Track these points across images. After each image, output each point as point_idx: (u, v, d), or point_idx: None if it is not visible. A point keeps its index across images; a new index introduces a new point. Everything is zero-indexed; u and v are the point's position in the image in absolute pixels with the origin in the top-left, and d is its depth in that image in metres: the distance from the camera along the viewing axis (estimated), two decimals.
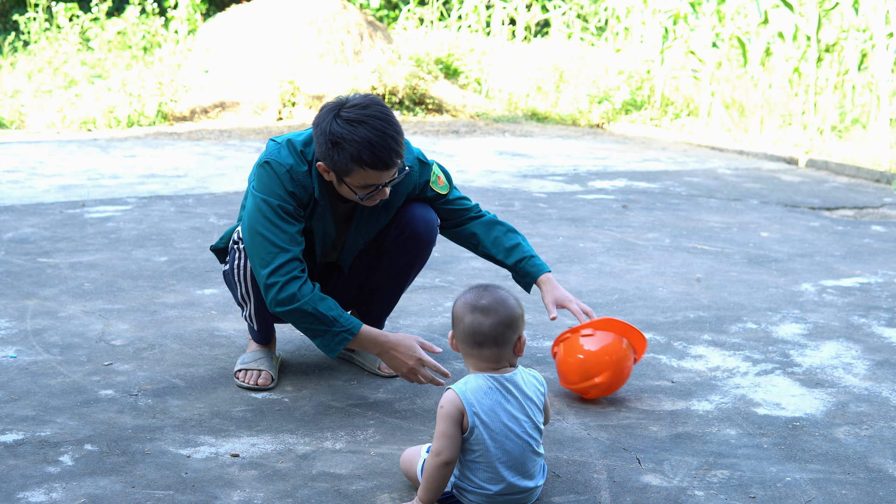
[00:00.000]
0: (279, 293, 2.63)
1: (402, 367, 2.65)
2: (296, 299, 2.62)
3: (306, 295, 2.63)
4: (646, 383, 3.03)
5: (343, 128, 2.55)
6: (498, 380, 2.14)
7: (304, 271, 2.67)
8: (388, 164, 2.58)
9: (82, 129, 9.68)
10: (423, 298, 3.90)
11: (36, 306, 3.70)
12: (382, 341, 2.67)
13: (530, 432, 2.14)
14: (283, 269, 2.63)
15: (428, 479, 2.11)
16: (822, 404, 2.90)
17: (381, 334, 2.68)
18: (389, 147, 2.56)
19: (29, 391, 2.85)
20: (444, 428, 2.10)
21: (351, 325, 2.66)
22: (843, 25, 9.85)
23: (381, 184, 2.64)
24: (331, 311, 2.65)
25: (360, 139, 2.54)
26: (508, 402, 2.13)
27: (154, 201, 5.93)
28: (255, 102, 10.57)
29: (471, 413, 2.10)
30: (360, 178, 2.60)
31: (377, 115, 2.57)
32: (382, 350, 2.67)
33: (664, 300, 3.99)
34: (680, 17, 11.49)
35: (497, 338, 2.14)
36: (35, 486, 2.26)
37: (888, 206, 6.53)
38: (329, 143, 2.57)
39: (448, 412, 2.10)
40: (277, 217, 2.66)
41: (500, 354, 2.16)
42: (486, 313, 2.15)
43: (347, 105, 2.59)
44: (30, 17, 12.53)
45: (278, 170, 2.68)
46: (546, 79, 11.68)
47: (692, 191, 6.85)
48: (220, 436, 2.57)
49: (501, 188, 6.73)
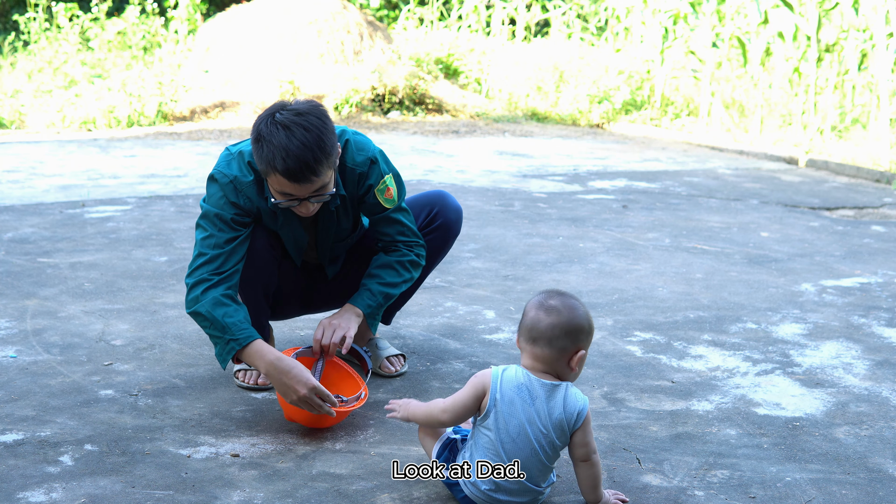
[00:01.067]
0: (187, 296, 2.63)
1: (292, 395, 2.49)
2: (196, 301, 2.60)
3: (206, 298, 2.58)
4: (646, 383, 3.03)
5: (268, 128, 2.49)
6: (534, 381, 2.13)
7: (219, 274, 2.61)
8: (298, 177, 2.47)
9: (82, 129, 9.69)
10: (423, 298, 3.90)
11: (36, 306, 3.70)
12: (272, 360, 2.52)
13: (543, 444, 2.11)
14: (196, 273, 2.63)
15: (426, 413, 2.21)
16: (822, 404, 2.90)
17: (275, 355, 2.53)
18: (304, 160, 2.45)
19: (29, 391, 2.85)
20: (463, 394, 2.16)
21: (241, 336, 2.56)
22: (843, 25, 9.85)
23: (300, 197, 2.56)
24: (227, 319, 2.56)
25: (277, 144, 2.46)
26: (534, 406, 2.11)
27: (154, 201, 5.93)
28: (255, 102, 10.57)
29: (493, 396, 2.11)
30: (275, 182, 2.53)
31: (305, 125, 2.47)
32: (271, 371, 2.52)
33: (664, 300, 3.99)
34: (680, 17, 11.49)
35: (551, 339, 2.12)
36: (35, 486, 2.26)
37: (888, 206, 6.53)
38: (254, 140, 2.54)
39: (473, 383, 2.15)
40: (213, 226, 2.65)
41: (551, 359, 2.13)
42: (549, 312, 2.13)
43: (288, 107, 2.54)
44: (30, 17, 12.54)
45: (221, 181, 2.66)
46: (546, 79, 11.68)
47: (692, 191, 6.85)
48: (220, 436, 2.57)
49: (501, 188, 6.72)
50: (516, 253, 4.75)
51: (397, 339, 3.41)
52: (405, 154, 8.24)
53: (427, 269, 3.09)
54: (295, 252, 2.86)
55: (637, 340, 3.46)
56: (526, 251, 4.80)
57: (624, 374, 3.11)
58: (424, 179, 6.94)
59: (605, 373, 3.12)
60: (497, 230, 5.26)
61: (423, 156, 8.16)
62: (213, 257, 2.63)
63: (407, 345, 3.36)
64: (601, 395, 2.92)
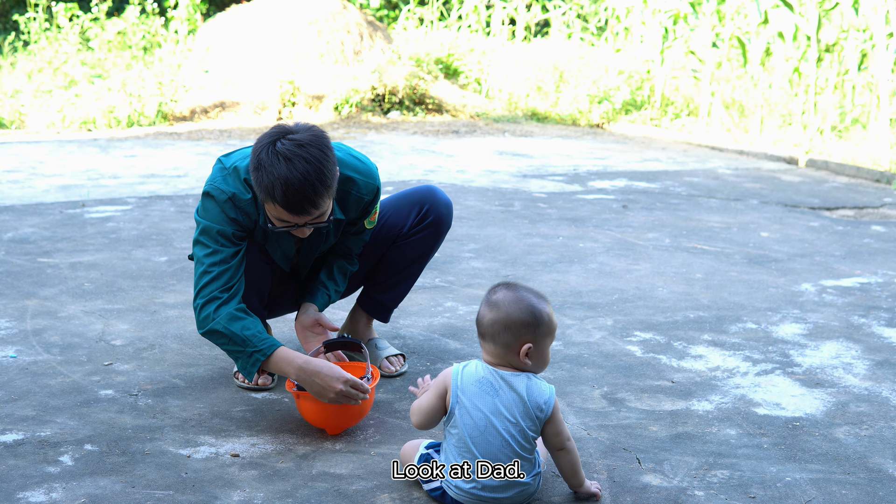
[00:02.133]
0: (198, 315, 2.62)
1: (329, 393, 2.48)
2: (210, 320, 2.60)
3: (220, 315, 2.59)
4: (646, 383, 3.03)
5: (269, 157, 2.46)
6: (495, 374, 2.14)
7: (227, 291, 2.61)
8: (297, 210, 2.48)
9: (82, 129, 9.68)
10: (423, 298, 3.90)
11: (36, 306, 3.70)
12: (301, 364, 2.53)
13: (514, 433, 2.11)
14: (204, 292, 2.61)
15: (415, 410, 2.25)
16: (822, 404, 2.90)
17: (303, 359, 2.54)
18: (303, 194, 2.45)
19: (29, 391, 2.85)
20: (427, 397, 2.20)
21: (264, 346, 2.57)
22: (843, 25, 9.85)
23: (297, 224, 2.56)
24: (245, 332, 2.58)
25: (277, 175, 2.44)
26: (499, 397, 2.12)
27: (154, 201, 5.93)
28: (255, 102, 10.57)
29: (454, 393, 2.13)
30: (273, 210, 2.53)
31: (307, 158, 2.45)
32: (301, 375, 2.52)
33: (664, 300, 3.99)
34: (680, 17, 11.49)
35: (494, 335, 2.14)
36: (35, 486, 2.26)
37: (888, 206, 6.53)
38: (254, 167, 2.52)
39: (436, 383, 2.19)
40: (216, 242, 2.65)
41: (500, 353, 2.15)
42: (490, 308, 2.15)
43: (289, 135, 2.49)
44: (30, 17, 12.53)
45: (219, 197, 2.64)
46: (546, 79, 11.68)
47: (692, 191, 6.85)
48: (220, 436, 2.57)
49: (501, 188, 6.72)
50: (516, 253, 4.75)
51: (397, 339, 3.41)
52: (405, 154, 8.24)
53: (420, 266, 3.12)
54: (283, 262, 2.88)
55: (637, 340, 3.46)
56: (526, 251, 4.80)
57: (624, 374, 3.11)
58: (424, 179, 6.94)
59: (605, 373, 3.12)
60: (497, 230, 5.26)
61: (422, 156, 8.16)
62: (219, 274, 2.62)
63: (407, 345, 3.36)
64: (601, 395, 2.92)
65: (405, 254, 3.07)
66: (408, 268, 3.10)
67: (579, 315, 3.74)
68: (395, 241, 3.06)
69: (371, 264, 3.10)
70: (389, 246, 3.07)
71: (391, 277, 3.10)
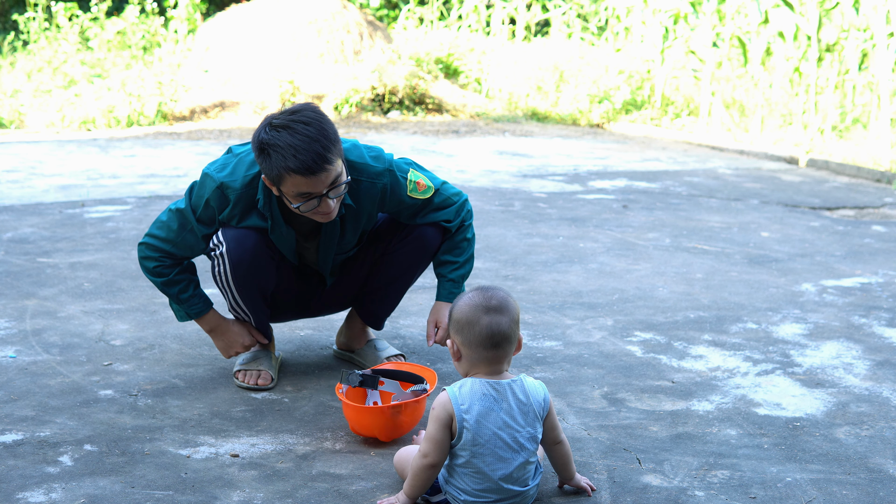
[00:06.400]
0: (141, 256, 2.87)
1: (231, 350, 2.97)
2: (152, 273, 2.86)
3: (164, 276, 2.87)
4: (646, 383, 3.03)
5: (269, 135, 2.54)
6: (494, 386, 2.12)
7: (172, 258, 2.85)
8: (313, 168, 2.51)
9: (82, 128, 9.68)
10: (424, 298, 3.90)
11: (35, 306, 3.70)
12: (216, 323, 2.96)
13: (523, 443, 2.11)
14: (157, 252, 2.83)
15: (414, 476, 2.13)
16: (822, 404, 2.89)
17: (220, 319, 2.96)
18: (314, 150, 2.50)
19: (29, 391, 2.85)
20: (433, 431, 2.10)
21: (193, 311, 2.92)
22: (843, 25, 9.85)
23: (317, 193, 2.57)
24: (182, 295, 2.90)
25: (284, 144, 2.51)
26: (502, 408, 2.10)
27: (154, 201, 5.93)
28: (254, 102, 10.57)
29: (460, 418, 2.08)
30: (291, 185, 2.55)
31: (303, 121, 2.53)
32: (214, 328, 2.95)
33: (664, 300, 3.99)
34: (680, 16, 11.49)
35: (512, 336, 2.13)
36: (35, 486, 2.26)
37: (889, 206, 6.53)
38: (258, 152, 2.57)
39: (438, 415, 2.10)
40: (192, 217, 2.79)
41: (510, 354, 2.15)
42: (502, 312, 2.13)
43: (279, 113, 2.60)
44: (29, 17, 12.52)
45: (209, 184, 2.75)
46: (546, 78, 11.68)
47: (692, 191, 6.85)
48: (219, 436, 2.57)
49: (501, 188, 6.72)
50: (516, 253, 4.75)
51: (397, 339, 3.40)
52: (405, 154, 8.23)
53: (411, 277, 3.04)
54: (288, 252, 2.86)
55: (637, 340, 3.46)
56: (526, 251, 4.80)
57: (624, 374, 3.10)
58: None
59: (605, 373, 3.11)
60: (497, 230, 5.26)
61: (423, 156, 8.15)
62: (177, 245, 2.82)
63: (407, 345, 3.35)
64: (601, 395, 2.92)
65: (394, 265, 2.98)
66: (398, 279, 3.02)
67: (579, 315, 3.74)
68: (384, 253, 2.99)
69: (363, 276, 3.06)
70: (379, 257, 3.00)
71: (382, 288, 3.05)
